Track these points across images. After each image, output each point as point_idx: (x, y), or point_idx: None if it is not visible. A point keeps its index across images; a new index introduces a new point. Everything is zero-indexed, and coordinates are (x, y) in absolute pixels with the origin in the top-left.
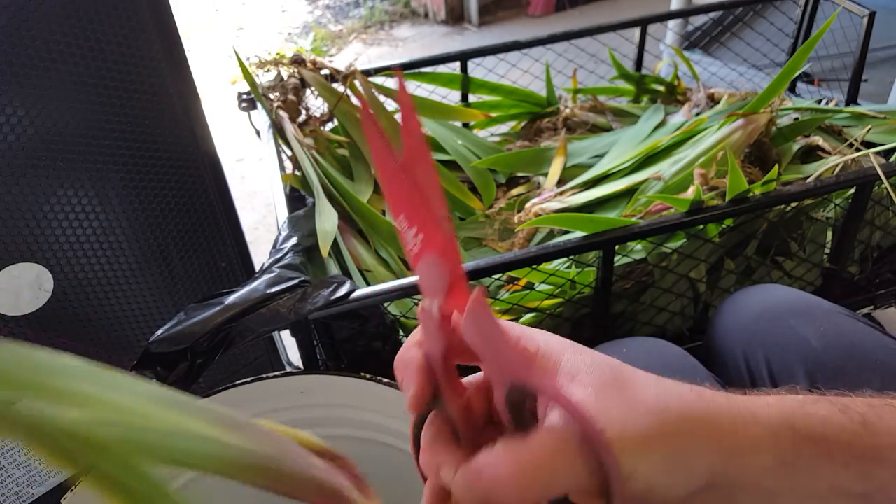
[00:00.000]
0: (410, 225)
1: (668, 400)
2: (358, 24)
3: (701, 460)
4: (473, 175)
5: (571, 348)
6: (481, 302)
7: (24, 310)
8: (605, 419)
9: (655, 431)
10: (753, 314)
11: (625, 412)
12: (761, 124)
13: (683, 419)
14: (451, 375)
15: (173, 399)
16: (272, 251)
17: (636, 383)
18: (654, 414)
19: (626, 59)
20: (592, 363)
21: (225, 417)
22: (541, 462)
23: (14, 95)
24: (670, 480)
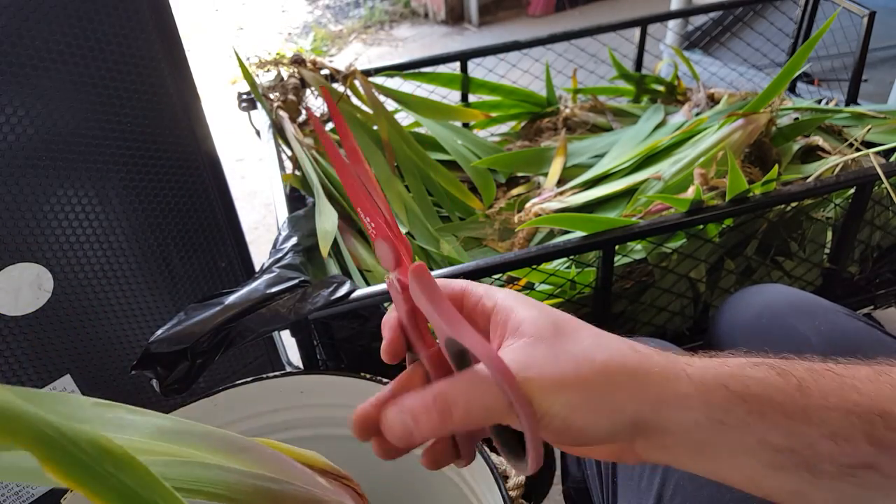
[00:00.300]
0: (365, 215)
1: (597, 352)
2: (358, 24)
3: (623, 407)
4: (473, 175)
5: (522, 304)
6: (417, 273)
7: (24, 310)
8: (526, 363)
9: (572, 376)
10: (753, 313)
11: (547, 359)
12: (761, 124)
13: (608, 369)
14: (421, 330)
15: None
16: (272, 251)
17: (573, 337)
18: (576, 361)
19: (626, 59)
20: (537, 316)
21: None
22: (458, 396)
23: (14, 95)
24: (588, 420)
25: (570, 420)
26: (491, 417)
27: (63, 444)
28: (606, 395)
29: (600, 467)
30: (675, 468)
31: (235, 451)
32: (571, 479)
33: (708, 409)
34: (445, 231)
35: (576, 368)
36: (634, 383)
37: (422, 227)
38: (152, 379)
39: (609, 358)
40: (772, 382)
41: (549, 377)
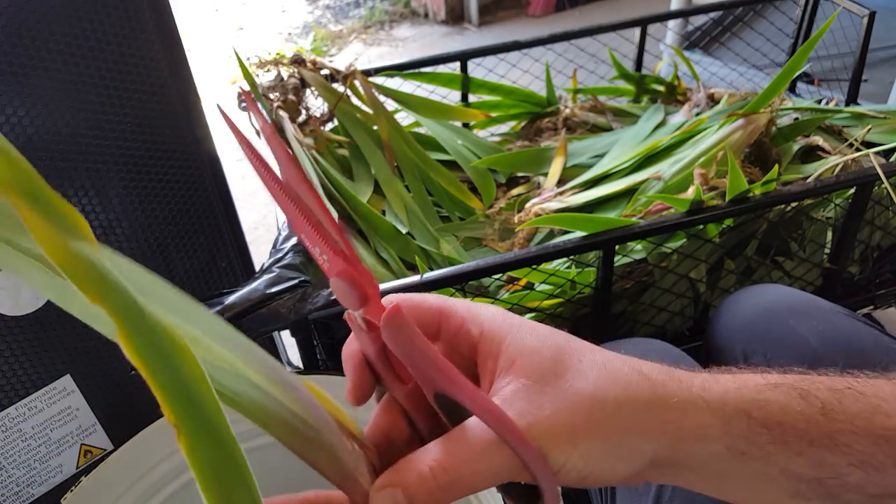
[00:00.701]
0: (312, 245)
1: (607, 388)
2: (358, 24)
3: (641, 448)
4: (473, 175)
5: (516, 329)
6: (394, 321)
7: (24, 310)
8: (535, 415)
9: (586, 424)
10: (752, 314)
11: (556, 405)
12: (761, 124)
13: (621, 409)
14: (392, 368)
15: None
16: (272, 251)
17: (576, 369)
18: (587, 406)
19: (626, 59)
20: (534, 347)
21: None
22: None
23: (14, 95)
24: (605, 467)
25: (586, 471)
26: (500, 480)
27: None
28: (623, 440)
29: None
30: None
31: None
32: None
33: (729, 439)
34: (445, 231)
35: (588, 414)
36: (650, 420)
37: (422, 227)
38: None
39: (621, 394)
40: (794, 407)
41: (562, 428)
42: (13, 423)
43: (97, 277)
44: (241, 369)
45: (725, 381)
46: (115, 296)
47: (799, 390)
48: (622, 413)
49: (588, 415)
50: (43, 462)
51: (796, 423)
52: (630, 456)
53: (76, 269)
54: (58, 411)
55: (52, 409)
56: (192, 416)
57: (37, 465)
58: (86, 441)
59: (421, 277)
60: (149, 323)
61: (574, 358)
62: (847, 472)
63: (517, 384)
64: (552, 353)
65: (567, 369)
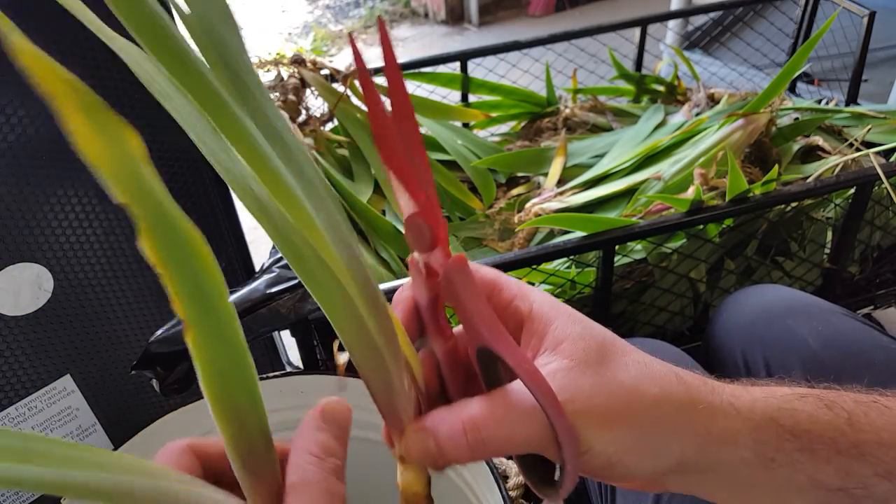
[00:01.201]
0: (397, 182)
1: (647, 384)
2: (358, 24)
3: (670, 446)
4: (473, 175)
5: (564, 315)
6: (457, 268)
7: (24, 310)
8: (573, 392)
9: (622, 411)
10: (752, 314)
11: (596, 389)
12: (761, 124)
13: (657, 404)
14: (439, 320)
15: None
16: (272, 251)
17: (619, 362)
18: (627, 395)
19: (626, 59)
20: (581, 333)
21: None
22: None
23: (14, 95)
24: (633, 459)
25: (614, 459)
26: (527, 449)
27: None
28: (655, 435)
29: None
30: None
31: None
32: None
33: (757, 445)
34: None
35: (626, 404)
36: (683, 421)
37: None
38: (152, 379)
39: (659, 392)
40: (821, 417)
41: (599, 411)
42: (13, 423)
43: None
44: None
45: (754, 391)
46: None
47: (826, 401)
48: (658, 409)
49: (626, 404)
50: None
51: (824, 433)
52: (659, 452)
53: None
54: (58, 411)
55: (52, 409)
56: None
57: None
58: (86, 441)
59: None
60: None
61: (617, 352)
62: (874, 483)
63: (560, 363)
64: (597, 343)
65: (610, 360)
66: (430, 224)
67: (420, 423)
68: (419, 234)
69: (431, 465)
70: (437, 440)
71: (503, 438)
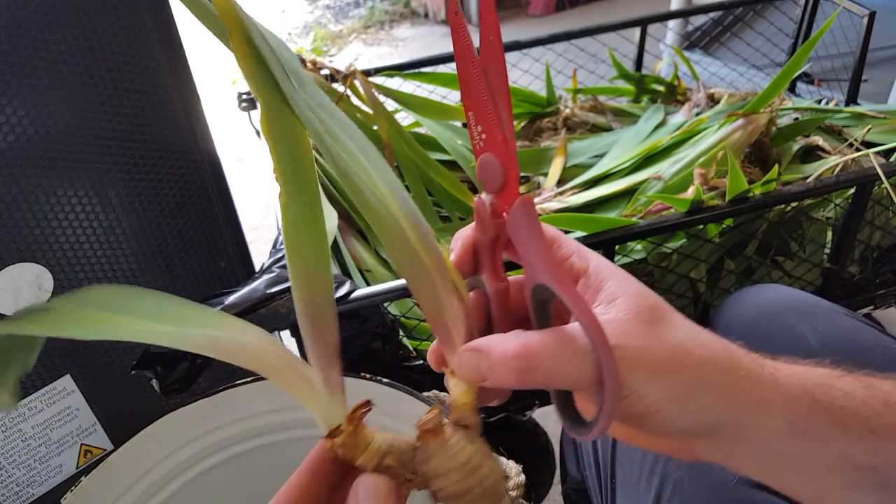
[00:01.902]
0: (476, 122)
1: (693, 345)
2: (358, 24)
3: (710, 407)
4: (473, 175)
5: (621, 275)
6: (525, 206)
7: None
8: (623, 339)
9: (669, 365)
10: (752, 314)
11: (646, 341)
12: (761, 124)
13: (703, 364)
14: (495, 262)
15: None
16: (272, 251)
17: (670, 322)
18: (674, 351)
19: (626, 59)
20: (635, 293)
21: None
22: (544, 358)
23: (14, 95)
24: (672, 410)
25: (652, 408)
26: (571, 386)
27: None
28: (696, 392)
29: (599, 469)
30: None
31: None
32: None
33: (791, 416)
34: (445, 231)
35: (673, 359)
36: (724, 384)
37: None
38: (152, 379)
39: (705, 355)
40: (858, 395)
41: (646, 360)
42: (13, 423)
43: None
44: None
45: (793, 367)
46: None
47: (864, 382)
48: (703, 370)
49: (672, 359)
50: (43, 462)
51: (858, 411)
52: (697, 410)
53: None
54: (58, 411)
55: (52, 409)
56: (294, 183)
57: (37, 466)
58: (86, 441)
59: None
60: (285, 115)
61: (668, 315)
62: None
63: (614, 315)
64: (650, 304)
65: (661, 320)
66: (505, 165)
67: (474, 344)
68: (492, 173)
69: (479, 382)
70: (489, 360)
71: (550, 370)
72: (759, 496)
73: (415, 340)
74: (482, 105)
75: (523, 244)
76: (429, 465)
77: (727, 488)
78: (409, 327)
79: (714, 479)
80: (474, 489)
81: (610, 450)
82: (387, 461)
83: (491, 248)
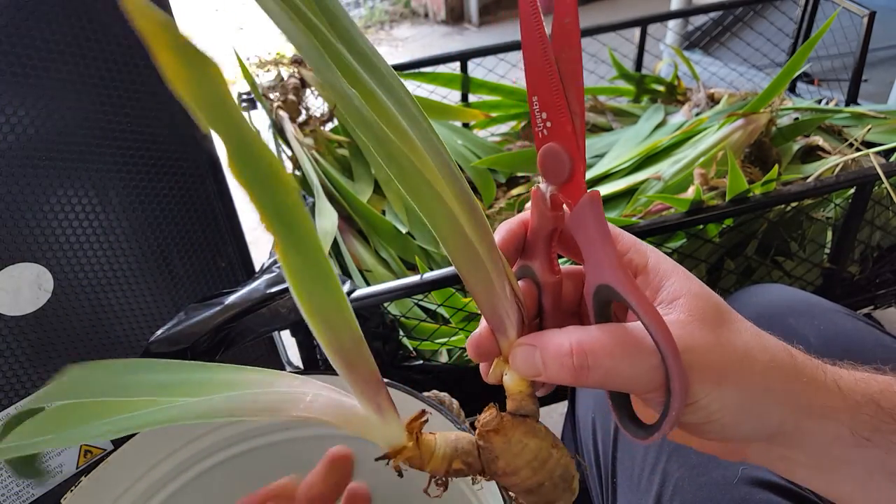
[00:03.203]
0: (542, 108)
1: (758, 350)
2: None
3: (772, 414)
4: (473, 175)
5: (682, 273)
6: (594, 201)
7: (24, 310)
8: (688, 344)
9: (734, 372)
10: (752, 314)
11: (711, 346)
12: (761, 124)
13: (767, 371)
14: (550, 255)
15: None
16: (272, 251)
17: (734, 325)
18: (739, 357)
19: (626, 59)
20: (698, 293)
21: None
22: (603, 358)
23: (14, 95)
24: (734, 420)
25: (716, 416)
26: (631, 389)
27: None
28: (760, 399)
29: (600, 468)
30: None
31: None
32: None
33: (855, 423)
34: None
35: (739, 365)
36: (787, 390)
37: (422, 227)
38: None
39: (771, 359)
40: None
41: (712, 367)
42: None
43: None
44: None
45: (855, 373)
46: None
47: None
48: (767, 376)
49: (738, 366)
50: (43, 462)
51: None
52: (760, 417)
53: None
54: None
55: None
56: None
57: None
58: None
59: (421, 277)
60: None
61: (731, 317)
62: None
63: (678, 316)
64: (714, 304)
65: (725, 322)
66: (573, 157)
67: (530, 337)
68: (558, 164)
69: (534, 378)
70: (544, 356)
71: (608, 370)
72: (760, 495)
73: (415, 340)
74: (551, 92)
75: (588, 241)
76: (497, 465)
77: (728, 487)
78: (408, 327)
79: (714, 478)
80: (545, 483)
81: (611, 448)
82: (455, 465)
83: (548, 240)
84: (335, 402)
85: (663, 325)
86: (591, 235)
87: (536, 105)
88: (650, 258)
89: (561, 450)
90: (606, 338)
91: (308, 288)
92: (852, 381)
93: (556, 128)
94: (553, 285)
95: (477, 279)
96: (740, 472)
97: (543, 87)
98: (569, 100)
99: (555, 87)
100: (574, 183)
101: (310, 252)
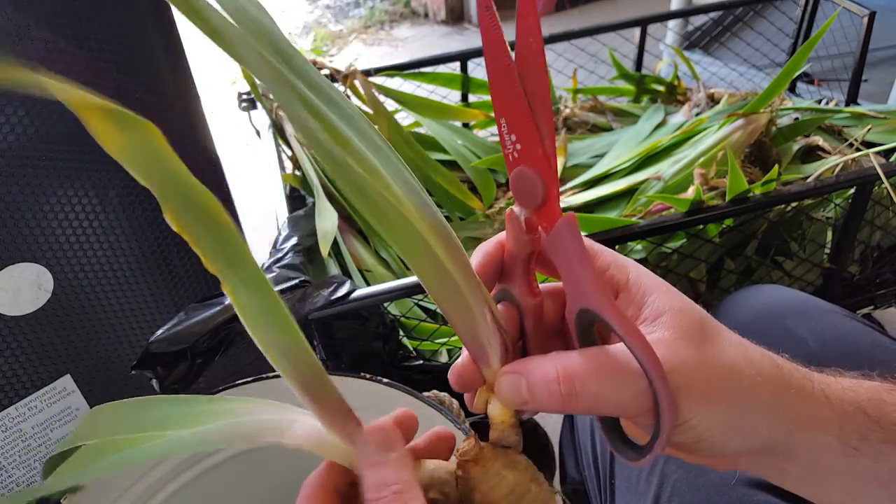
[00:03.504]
0: (510, 131)
1: (745, 365)
2: (358, 24)
3: (761, 428)
4: (473, 175)
5: (664, 288)
6: (570, 226)
7: (24, 310)
8: (676, 364)
9: (722, 390)
10: (751, 315)
11: (697, 364)
12: (761, 124)
13: (754, 385)
14: (529, 277)
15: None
16: (272, 251)
17: (718, 340)
18: (726, 374)
19: (626, 59)
20: (681, 308)
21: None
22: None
23: (14, 95)
24: (723, 438)
25: (706, 434)
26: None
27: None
28: (748, 415)
29: (598, 469)
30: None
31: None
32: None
33: (842, 433)
34: None
35: (727, 382)
36: (775, 403)
37: None
38: (152, 379)
39: (758, 372)
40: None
41: (699, 387)
42: (13, 423)
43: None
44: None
45: (842, 381)
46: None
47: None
48: (755, 391)
49: (726, 383)
50: (43, 462)
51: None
52: (749, 432)
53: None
54: (58, 411)
55: (52, 409)
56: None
57: (37, 465)
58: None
59: None
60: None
61: (716, 331)
62: None
63: (662, 334)
64: (698, 319)
65: (710, 338)
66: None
67: (514, 365)
68: (530, 188)
69: (520, 407)
70: (530, 385)
71: (596, 395)
72: (758, 496)
73: (415, 340)
74: (518, 114)
75: (567, 265)
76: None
77: (726, 488)
78: (409, 327)
79: (712, 480)
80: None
81: (609, 451)
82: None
83: (526, 264)
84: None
85: (649, 349)
86: (569, 259)
87: (505, 127)
88: (631, 274)
89: (540, 484)
90: (592, 364)
91: (260, 323)
92: (840, 389)
93: (526, 150)
94: (534, 307)
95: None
96: (738, 473)
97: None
98: (537, 122)
99: (522, 110)
100: (548, 207)
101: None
